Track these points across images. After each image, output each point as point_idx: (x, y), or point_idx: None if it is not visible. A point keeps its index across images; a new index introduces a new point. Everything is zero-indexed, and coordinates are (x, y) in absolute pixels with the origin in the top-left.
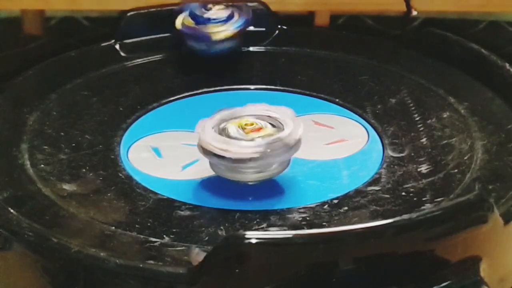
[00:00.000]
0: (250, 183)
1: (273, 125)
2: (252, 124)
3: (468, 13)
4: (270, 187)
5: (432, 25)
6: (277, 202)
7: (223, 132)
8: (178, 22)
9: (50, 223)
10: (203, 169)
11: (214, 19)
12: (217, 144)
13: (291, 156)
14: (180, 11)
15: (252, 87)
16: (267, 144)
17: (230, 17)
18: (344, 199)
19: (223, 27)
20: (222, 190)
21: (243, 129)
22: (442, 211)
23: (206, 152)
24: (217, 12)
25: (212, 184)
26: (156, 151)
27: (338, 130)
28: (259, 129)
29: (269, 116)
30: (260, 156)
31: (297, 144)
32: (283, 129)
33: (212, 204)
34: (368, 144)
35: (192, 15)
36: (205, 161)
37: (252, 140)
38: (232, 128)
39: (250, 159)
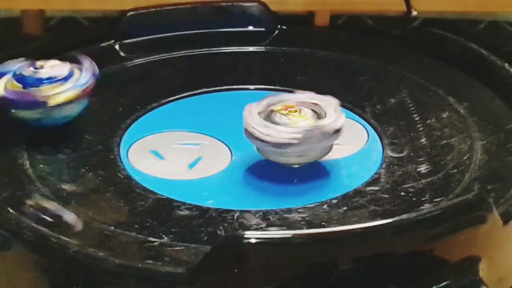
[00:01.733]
0: (294, 166)
1: (316, 113)
2: (295, 111)
3: (468, 13)
4: (270, 187)
5: (432, 25)
6: (277, 202)
7: (268, 117)
8: (0, 87)
9: (50, 223)
10: (205, 169)
11: (48, 79)
12: (259, 128)
13: (331, 143)
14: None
15: (251, 87)
16: (305, 131)
17: (69, 75)
18: (344, 199)
19: (61, 87)
20: (221, 190)
21: (287, 114)
22: (441, 211)
23: (249, 135)
24: (52, 70)
25: (211, 184)
26: (156, 153)
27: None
28: (299, 114)
29: (314, 103)
30: (298, 142)
31: (336, 133)
32: (324, 117)
33: (211, 204)
34: (368, 144)
35: (18, 77)
36: (207, 160)
37: (293, 126)
38: (277, 114)
39: (288, 144)
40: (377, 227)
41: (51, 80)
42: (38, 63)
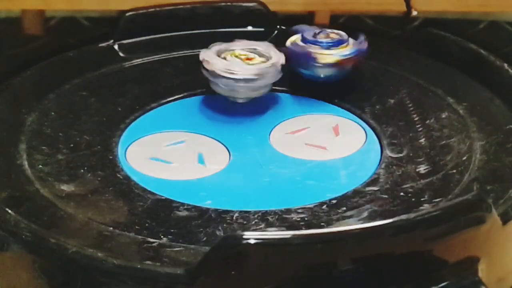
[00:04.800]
0: (240, 101)
1: (260, 56)
2: (245, 55)
3: (468, 13)
4: (269, 187)
5: (432, 25)
6: (276, 202)
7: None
8: (289, 41)
9: (48, 224)
10: (204, 169)
11: (321, 42)
12: (225, 66)
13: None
14: (295, 32)
15: None
16: (265, 67)
17: (339, 43)
18: (343, 199)
19: (329, 51)
20: (220, 190)
21: (239, 58)
22: (440, 211)
23: (214, 74)
24: (328, 37)
25: (210, 184)
26: (161, 160)
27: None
28: (251, 58)
29: (255, 48)
30: (259, 77)
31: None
32: (271, 58)
33: (210, 204)
34: (367, 144)
35: (302, 37)
36: (207, 159)
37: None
38: (231, 58)
39: (251, 79)
40: (376, 228)
41: (323, 43)
42: (326, 31)
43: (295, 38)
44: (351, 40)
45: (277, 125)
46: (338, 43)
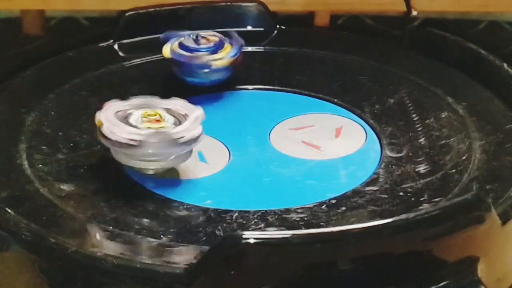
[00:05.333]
0: (149, 173)
1: (178, 121)
2: (155, 115)
3: (468, 13)
4: (268, 187)
5: (432, 25)
6: (275, 202)
7: (125, 117)
8: (167, 50)
9: (48, 223)
10: (203, 169)
11: (206, 48)
12: (106, 124)
13: (178, 152)
14: (165, 40)
15: (250, 87)
16: (148, 135)
17: (221, 45)
18: (342, 199)
19: (217, 55)
20: (219, 190)
21: (144, 118)
22: (439, 211)
23: (99, 134)
24: (208, 42)
25: (210, 184)
26: None
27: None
28: (158, 121)
29: (181, 113)
30: (138, 144)
31: (187, 142)
32: (177, 126)
33: (210, 204)
34: (366, 144)
35: (182, 46)
36: (206, 159)
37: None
38: (135, 115)
39: (127, 145)
40: (375, 227)
41: (209, 48)
42: (199, 36)
43: (173, 47)
44: (227, 39)
45: (277, 125)
46: (220, 45)
